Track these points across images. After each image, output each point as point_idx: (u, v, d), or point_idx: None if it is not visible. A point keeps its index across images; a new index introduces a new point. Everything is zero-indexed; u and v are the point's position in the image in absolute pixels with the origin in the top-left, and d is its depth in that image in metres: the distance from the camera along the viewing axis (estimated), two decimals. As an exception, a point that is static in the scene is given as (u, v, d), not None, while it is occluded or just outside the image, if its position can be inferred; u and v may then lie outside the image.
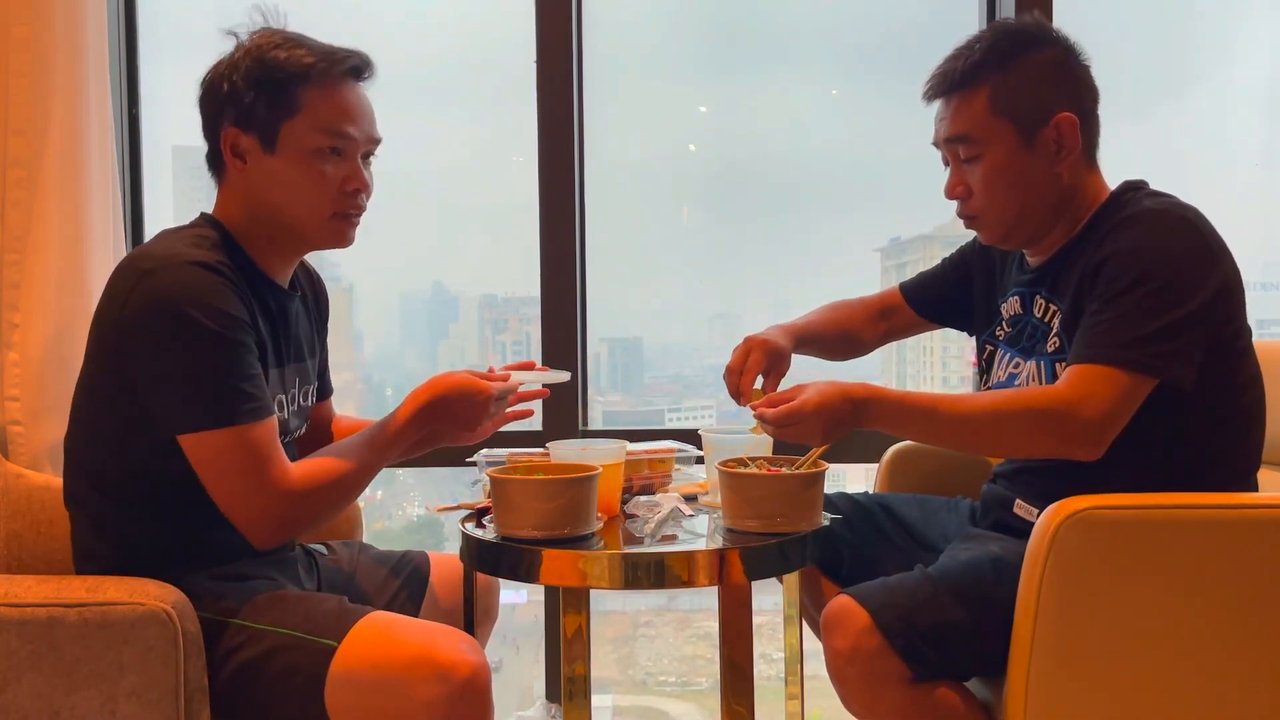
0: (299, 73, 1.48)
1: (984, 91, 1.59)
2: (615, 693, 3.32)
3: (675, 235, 3.08)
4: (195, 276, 1.39)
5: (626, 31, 2.78)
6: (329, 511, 1.49)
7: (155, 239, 1.51)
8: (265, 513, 1.40)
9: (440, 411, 1.52)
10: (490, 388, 1.53)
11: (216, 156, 1.53)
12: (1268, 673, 1.41)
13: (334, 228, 1.55)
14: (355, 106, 1.53)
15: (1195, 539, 1.40)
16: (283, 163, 1.49)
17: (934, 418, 1.52)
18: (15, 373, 1.93)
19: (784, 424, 1.50)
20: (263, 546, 1.44)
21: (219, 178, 1.55)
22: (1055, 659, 1.39)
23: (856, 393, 1.50)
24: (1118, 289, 1.48)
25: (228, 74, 1.50)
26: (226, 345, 1.38)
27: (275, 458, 1.41)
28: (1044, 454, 1.52)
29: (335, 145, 1.51)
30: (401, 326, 3.51)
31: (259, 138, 1.49)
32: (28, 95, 1.95)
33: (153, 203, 2.52)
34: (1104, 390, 1.45)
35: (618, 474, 1.61)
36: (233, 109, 1.49)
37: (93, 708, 1.35)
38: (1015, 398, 1.52)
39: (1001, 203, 1.62)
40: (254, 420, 1.39)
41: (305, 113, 1.49)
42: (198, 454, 1.39)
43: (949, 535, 1.78)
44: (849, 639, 1.47)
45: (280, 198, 1.51)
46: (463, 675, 1.31)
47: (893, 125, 2.90)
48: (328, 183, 1.51)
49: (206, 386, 1.37)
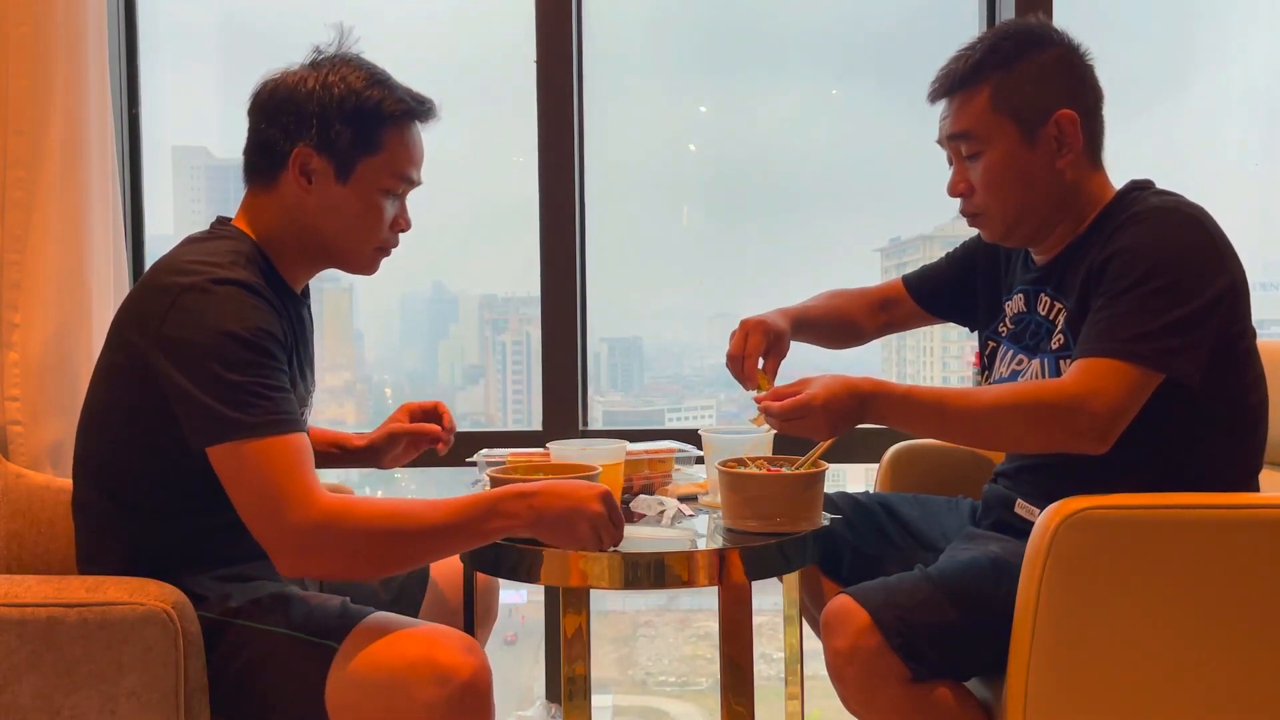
0: (389, 115, 1.51)
1: (985, 90, 1.59)
2: (615, 693, 3.32)
3: (675, 235, 3.08)
4: (233, 295, 1.38)
5: (626, 31, 2.79)
6: (358, 561, 1.37)
7: (186, 250, 1.48)
8: (286, 530, 1.34)
9: (551, 524, 1.39)
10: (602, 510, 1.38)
11: (270, 167, 1.52)
12: (1268, 673, 1.40)
13: (373, 260, 1.61)
14: (420, 152, 1.58)
15: (1196, 539, 1.40)
16: (352, 195, 1.52)
17: (941, 412, 1.51)
18: (15, 373, 1.93)
19: (789, 418, 1.49)
20: (286, 573, 1.39)
21: (263, 185, 1.53)
22: (1054, 659, 1.39)
23: (863, 387, 1.49)
24: (1125, 284, 1.48)
25: (315, 96, 1.49)
26: (263, 360, 1.37)
27: (305, 475, 1.36)
28: (1052, 448, 1.52)
29: (401, 189, 1.56)
30: (401, 326, 3.51)
31: (335, 166, 1.50)
32: (28, 95, 1.95)
33: (153, 203, 2.52)
34: (1112, 384, 1.44)
35: (618, 473, 1.61)
36: (315, 132, 1.49)
37: (93, 708, 1.35)
38: (1022, 391, 1.52)
39: (1003, 200, 1.62)
40: (285, 432, 1.36)
41: (385, 153, 1.52)
42: (227, 466, 1.36)
43: (950, 535, 1.78)
44: (848, 638, 1.47)
45: (335, 226, 1.53)
46: (463, 677, 1.31)
47: (893, 125, 2.91)
48: (385, 221, 1.56)
49: (240, 399, 1.35)
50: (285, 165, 1.50)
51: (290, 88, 1.51)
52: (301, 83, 1.50)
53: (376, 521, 1.35)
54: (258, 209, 1.54)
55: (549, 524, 1.37)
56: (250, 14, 2.92)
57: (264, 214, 1.54)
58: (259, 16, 2.94)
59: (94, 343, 2.00)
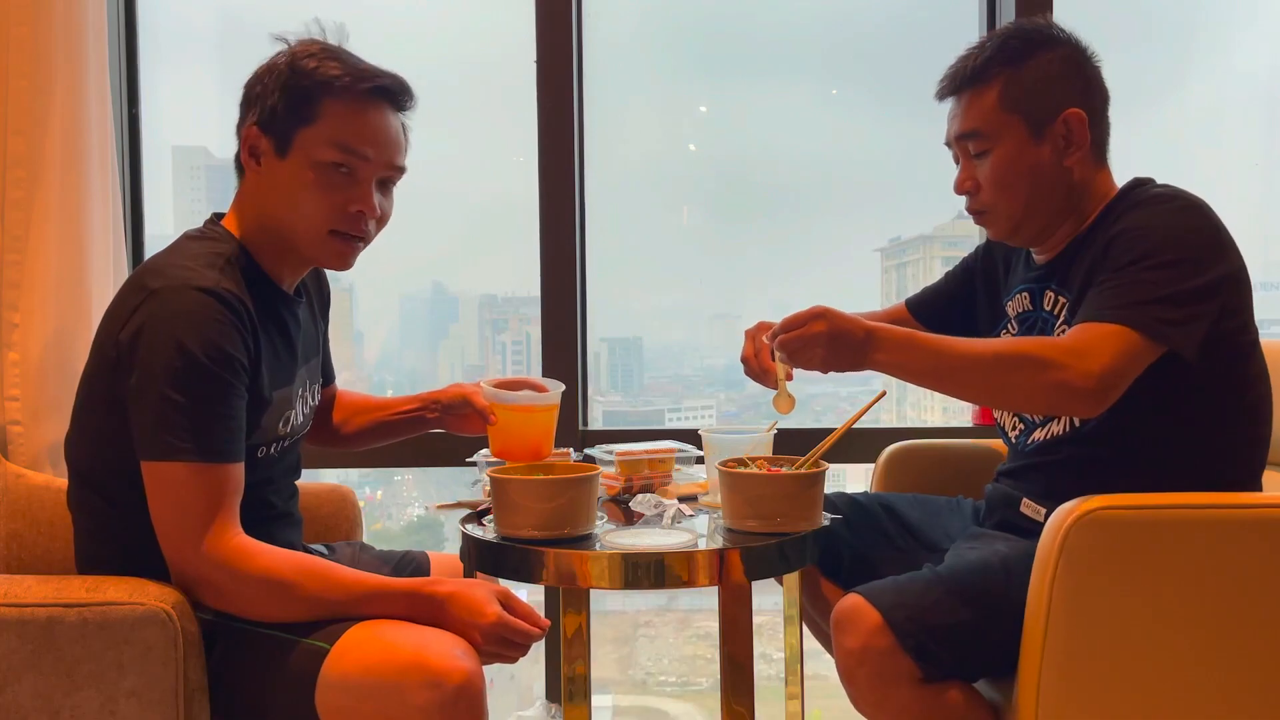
0: (323, 82, 1.47)
1: (995, 88, 1.60)
2: (615, 693, 3.32)
3: (675, 235, 3.07)
4: (199, 306, 1.37)
5: (626, 31, 2.78)
6: (250, 605, 1.38)
7: (171, 249, 1.49)
8: (189, 559, 1.36)
9: (437, 611, 1.40)
10: (497, 615, 1.38)
11: (238, 157, 1.54)
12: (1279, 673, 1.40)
13: (332, 246, 1.53)
14: (377, 129, 1.50)
15: (1208, 539, 1.40)
16: (291, 169, 1.48)
17: (939, 355, 1.49)
18: (15, 373, 1.93)
19: (790, 326, 1.48)
20: (185, 593, 1.39)
21: (240, 176, 1.55)
22: (1066, 660, 1.39)
23: (867, 323, 1.49)
24: (1126, 260, 1.49)
25: (263, 76, 1.50)
26: (213, 381, 1.36)
27: (220, 508, 1.37)
28: (1043, 404, 1.51)
29: (345, 162, 1.49)
30: (402, 327, 3.50)
31: (274, 141, 1.48)
32: (28, 95, 1.95)
33: (153, 203, 2.52)
34: (1106, 344, 1.44)
35: (552, 416, 1.69)
36: (258, 109, 1.49)
37: (93, 708, 1.35)
38: (1020, 343, 1.52)
39: (1010, 197, 1.62)
40: (213, 461, 1.36)
41: (322, 123, 1.47)
42: (151, 482, 1.37)
43: (953, 535, 1.78)
44: (859, 638, 1.46)
45: (280, 204, 1.50)
46: (455, 682, 1.29)
47: (893, 125, 2.90)
48: (328, 198, 1.49)
49: (175, 420, 1.34)
50: (243, 151, 1.50)
51: (250, 76, 1.51)
52: (258, 69, 1.51)
53: (278, 573, 1.37)
54: (237, 205, 1.55)
55: (450, 628, 1.38)
56: (250, 14, 2.92)
57: (242, 209, 1.54)
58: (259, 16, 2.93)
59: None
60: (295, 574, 1.38)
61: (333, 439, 1.88)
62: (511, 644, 1.40)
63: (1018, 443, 1.70)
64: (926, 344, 1.50)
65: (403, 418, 1.84)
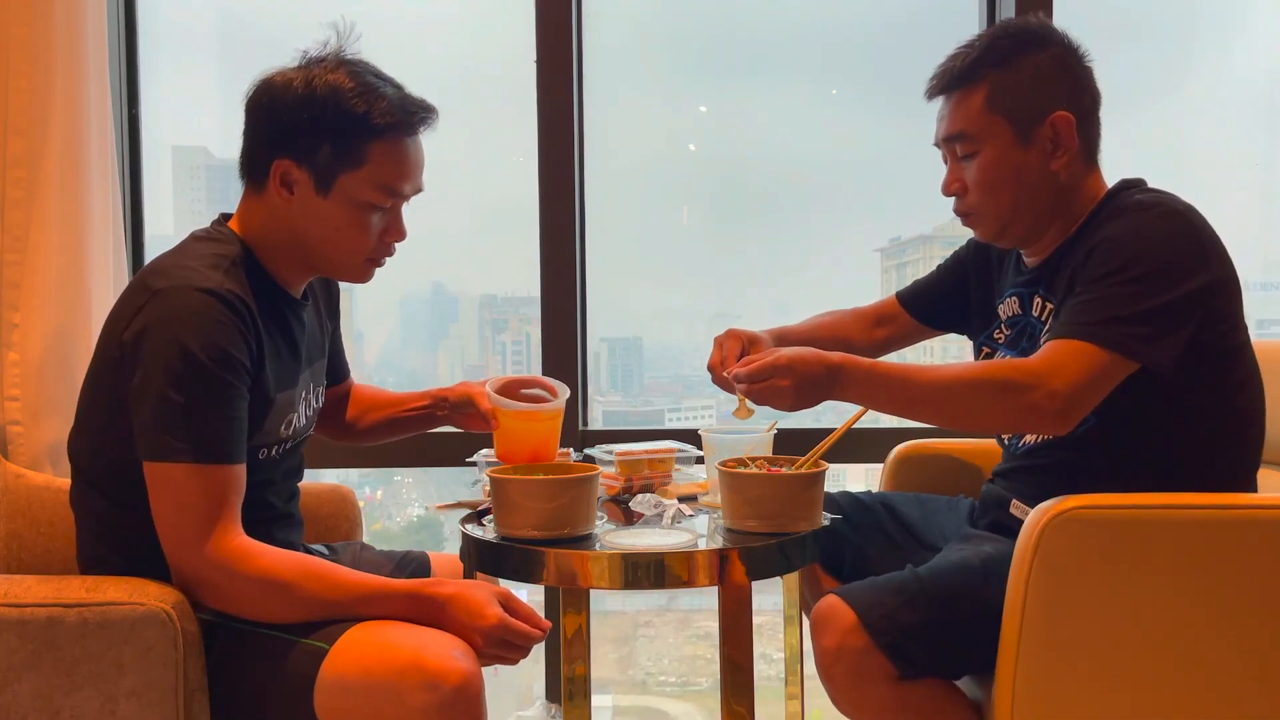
0: (373, 129, 1.46)
1: (982, 89, 1.59)
2: (615, 693, 3.32)
3: (675, 235, 3.07)
4: (201, 307, 1.37)
5: (626, 31, 2.78)
6: (250, 606, 1.39)
7: (177, 250, 1.49)
8: (190, 559, 1.37)
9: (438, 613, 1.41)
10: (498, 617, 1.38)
11: (258, 175, 1.50)
12: (1255, 672, 1.41)
13: (364, 270, 1.57)
14: (413, 163, 1.52)
15: (1183, 539, 1.40)
16: (333, 208, 1.48)
17: (905, 385, 1.50)
18: (15, 373, 1.94)
19: (757, 379, 1.49)
20: (186, 595, 1.39)
21: (253, 189, 1.52)
22: (1043, 657, 1.39)
23: (831, 359, 1.49)
24: (1101, 273, 1.48)
25: (298, 108, 1.45)
26: (214, 382, 1.37)
27: (222, 508, 1.37)
28: (1011, 425, 1.52)
29: (389, 203, 1.51)
30: (402, 327, 3.50)
31: (314, 179, 1.47)
32: (28, 95, 1.95)
33: (153, 203, 2.52)
34: (1074, 363, 1.44)
35: (556, 423, 1.70)
36: (294, 144, 1.46)
37: (93, 708, 1.35)
38: (986, 367, 1.52)
39: (995, 199, 1.62)
40: (214, 461, 1.37)
41: (367, 167, 1.47)
42: (153, 483, 1.38)
43: (948, 534, 1.78)
44: (835, 637, 1.47)
45: (319, 236, 1.50)
46: (453, 683, 1.30)
47: (893, 125, 2.90)
48: (370, 233, 1.52)
49: (176, 421, 1.35)
50: (269, 174, 1.48)
51: (277, 93, 1.47)
52: (288, 88, 1.47)
53: (278, 574, 1.37)
54: (250, 211, 1.54)
55: (450, 629, 1.38)
56: (250, 14, 2.92)
57: (255, 216, 1.53)
58: (259, 17, 2.93)
59: (94, 343, 1.99)
60: (295, 575, 1.39)
61: (346, 433, 1.90)
62: (512, 646, 1.40)
63: (1010, 445, 1.71)
64: (891, 374, 1.50)
65: (414, 414, 1.86)
